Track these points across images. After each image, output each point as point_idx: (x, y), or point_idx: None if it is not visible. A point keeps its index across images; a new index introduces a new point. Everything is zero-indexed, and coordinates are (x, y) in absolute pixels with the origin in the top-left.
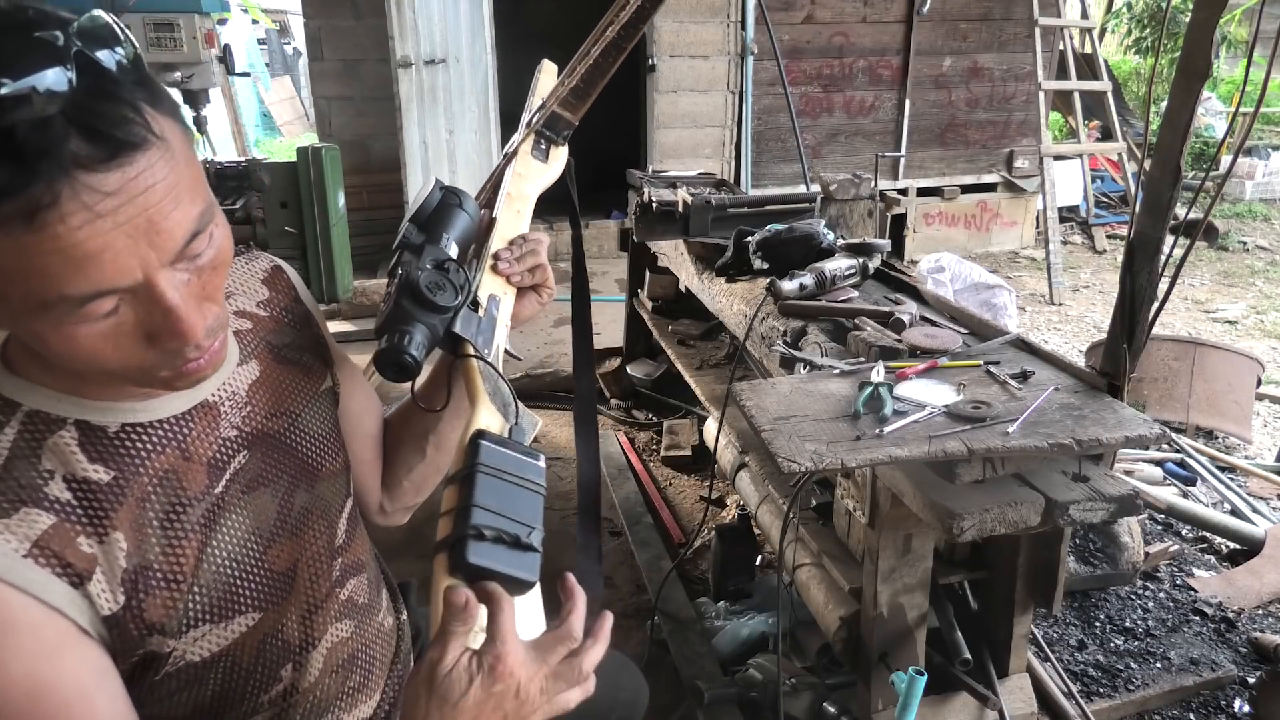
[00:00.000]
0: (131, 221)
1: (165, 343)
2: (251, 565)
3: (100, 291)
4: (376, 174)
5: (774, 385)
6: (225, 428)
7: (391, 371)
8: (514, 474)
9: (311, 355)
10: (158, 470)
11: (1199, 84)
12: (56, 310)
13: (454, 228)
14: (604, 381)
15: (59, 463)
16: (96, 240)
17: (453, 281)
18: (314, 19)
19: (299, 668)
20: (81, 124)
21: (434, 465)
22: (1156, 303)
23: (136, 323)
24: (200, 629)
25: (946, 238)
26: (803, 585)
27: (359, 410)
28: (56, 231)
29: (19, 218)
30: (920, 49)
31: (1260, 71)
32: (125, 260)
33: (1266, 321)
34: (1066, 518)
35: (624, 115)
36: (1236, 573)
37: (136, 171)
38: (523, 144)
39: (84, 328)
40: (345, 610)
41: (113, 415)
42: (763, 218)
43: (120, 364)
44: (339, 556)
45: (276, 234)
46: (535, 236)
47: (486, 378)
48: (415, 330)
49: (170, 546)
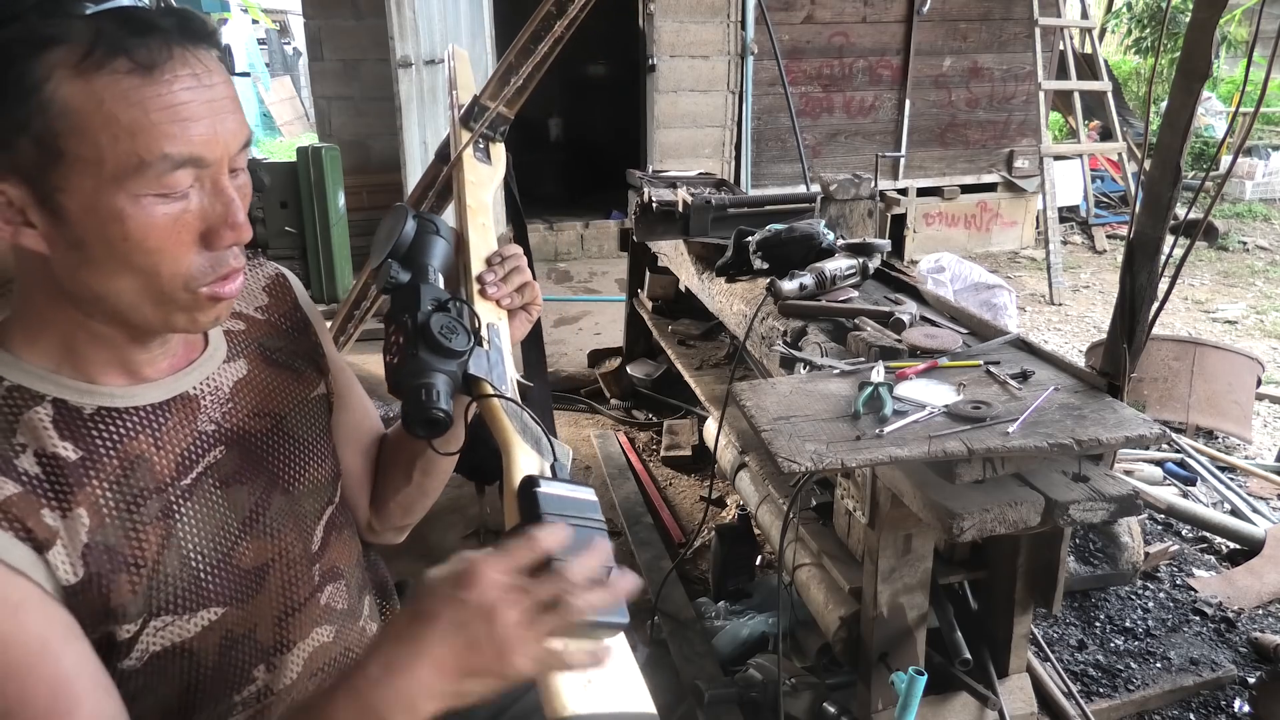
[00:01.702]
0: (217, 102)
1: (220, 239)
2: (217, 560)
3: (193, 156)
4: (376, 174)
5: (774, 385)
6: (203, 421)
7: (423, 429)
8: (575, 515)
9: (305, 362)
10: (127, 455)
11: (1199, 84)
12: (149, 173)
13: (435, 257)
14: (604, 381)
15: (32, 438)
16: (197, 106)
17: (462, 322)
18: (314, 19)
19: (273, 669)
20: (176, 17)
21: (420, 490)
22: (1156, 303)
23: (199, 214)
24: (163, 619)
25: (946, 238)
26: (803, 585)
27: (354, 422)
28: (172, 87)
29: (142, 69)
30: (920, 49)
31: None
32: (213, 134)
33: (1266, 321)
34: (1066, 518)
35: (624, 115)
36: (1236, 573)
37: (218, 64)
38: (466, 148)
39: (161, 205)
40: (325, 615)
41: (90, 398)
42: (763, 218)
43: (174, 260)
44: (316, 562)
45: (276, 234)
46: (513, 250)
47: (511, 415)
48: (437, 382)
49: (133, 531)
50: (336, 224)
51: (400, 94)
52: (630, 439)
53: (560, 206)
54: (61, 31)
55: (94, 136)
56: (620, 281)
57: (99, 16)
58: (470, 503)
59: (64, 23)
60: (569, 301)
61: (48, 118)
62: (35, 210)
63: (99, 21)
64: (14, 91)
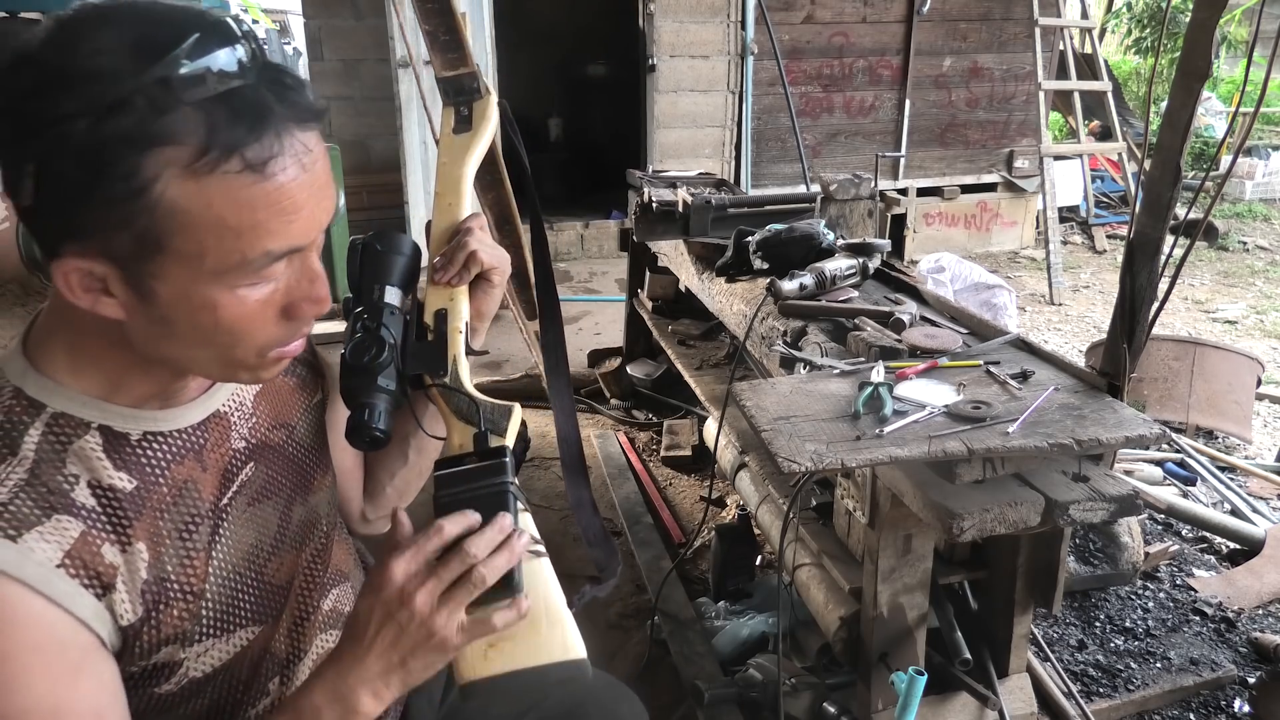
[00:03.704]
0: (319, 184)
1: (303, 313)
2: (252, 579)
3: (293, 247)
4: (376, 174)
5: (774, 385)
6: (235, 439)
7: (365, 445)
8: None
9: (306, 368)
10: (176, 481)
11: (1199, 84)
12: (250, 268)
13: (386, 274)
14: (604, 381)
15: (84, 468)
16: (302, 194)
17: (378, 335)
18: (314, 19)
19: (286, 681)
20: (277, 92)
21: (416, 469)
22: (1156, 303)
23: (285, 291)
24: (205, 643)
25: (946, 238)
26: (803, 585)
27: (343, 419)
28: (280, 183)
29: (252, 169)
30: (920, 49)
31: (1260, 71)
32: (312, 219)
33: (1266, 321)
34: (1066, 518)
35: (624, 115)
36: (1236, 573)
37: (318, 139)
38: (442, 126)
39: (254, 291)
40: (330, 620)
41: (135, 423)
42: (763, 218)
43: (255, 337)
44: (327, 567)
45: None
46: (464, 226)
47: (448, 399)
48: (374, 400)
49: (187, 558)
50: (336, 224)
51: (400, 94)
52: (630, 439)
53: (560, 206)
54: (174, 130)
55: (199, 236)
56: (620, 281)
57: (211, 107)
58: None
59: (176, 118)
60: (569, 301)
61: (154, 217)
62: (120, 286)
63: (211, 114)
64: (120, 190)
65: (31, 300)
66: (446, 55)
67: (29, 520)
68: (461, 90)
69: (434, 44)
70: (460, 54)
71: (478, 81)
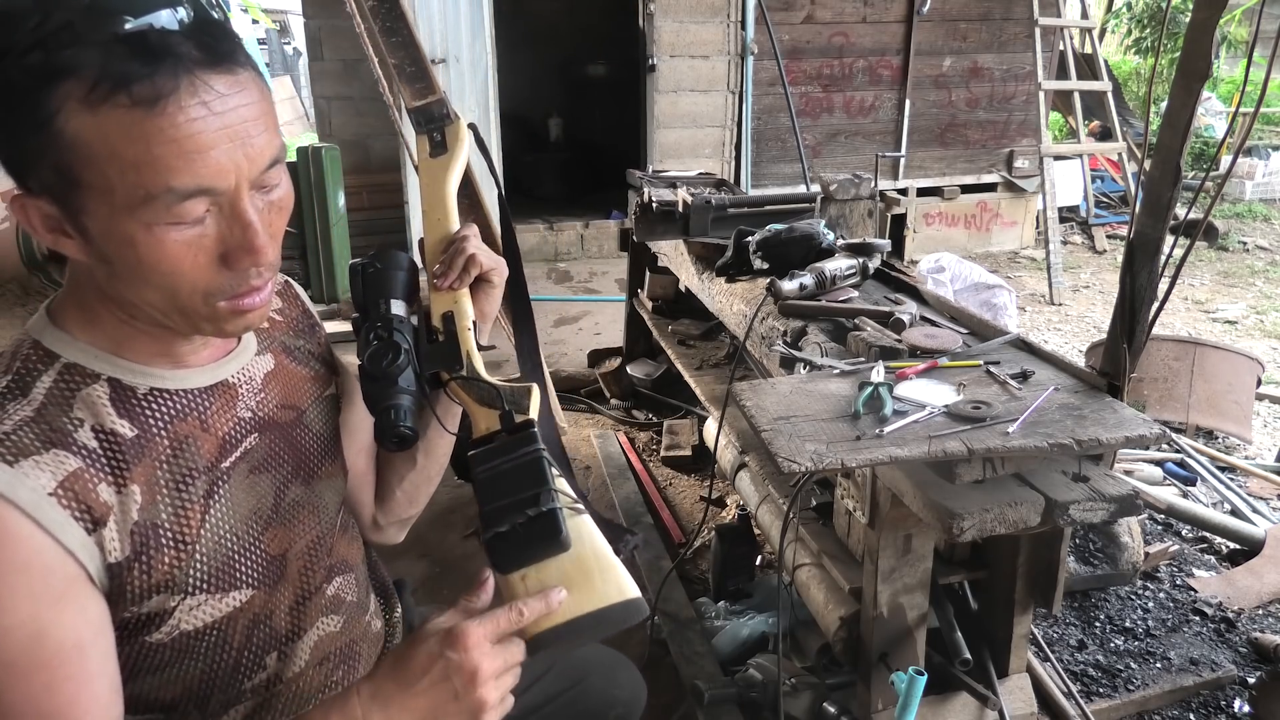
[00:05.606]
0: (232, 127)
1: (238, 261)
2: (249, 542)
3: (201, 188)
4: (376, 174)
5: (774, 385)
6: (241, 409)
7: (394, 445)
8: (505, 459)
9: (319, 362)
10: (177, 435)
11: (1199, 84)
12: (157, 205)
13: (388, 290)
14: (604, 381)
15: (89, 413)
16: (206, 136)
17: (393, 342)
18: (314, 19)
19: (284, 658)
20: (197, 39)
21: (425, 474)
22: (1156, 303)
23: (217, 238)
24: (198, 597)
25: (946, 238)
26: (803, 585)
27: (356, 422)
28: (175, 120)
29: (144, 103)
30: (920, 49)
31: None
32: (225, 162)
33: (1266, 321)
34: (1066, 518)
35: (624, 115)
36: (1236, 573)
37: (239, 84)
38: (418, 152)
39: (173, 232)
40: (333, 605)
41: (143, 378)
42: (763, 218)
43: (191, 282)
44: (328, 553)
45: None
46: (459, 234)
47: (469, 389)
48: (398, 402)
49: (180, 509)
50: (336, 224)
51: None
52: (630, 439)
53: (560, 206)
54: (72, 63)
55: (102, 168)
56: (620, 281)
57: (111, 45)
58: (469, 503)
59: (76, 53)
60: (569, 301)
61: (60, 148)
62: (69, 224)
63: (109, 51)
64: (29, 121)
65: (31, 300)
66: (414, 85)
67: (28, 449)
68: (432, 118)
69: (401, 75)
70: (427, 83)
71: (446, 108)
